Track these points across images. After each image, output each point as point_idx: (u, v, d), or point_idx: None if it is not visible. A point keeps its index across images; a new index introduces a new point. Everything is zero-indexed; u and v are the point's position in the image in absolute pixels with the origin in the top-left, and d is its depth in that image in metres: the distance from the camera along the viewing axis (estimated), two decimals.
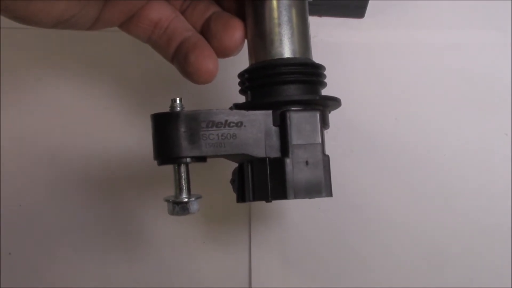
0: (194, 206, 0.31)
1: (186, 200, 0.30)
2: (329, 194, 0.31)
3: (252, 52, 0.33)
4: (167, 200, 0.31)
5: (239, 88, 0.34)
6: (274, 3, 0.32)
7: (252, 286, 0.44)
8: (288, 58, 0.32)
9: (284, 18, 0.32)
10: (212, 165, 0.34)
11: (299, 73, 0.32)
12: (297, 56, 0.32)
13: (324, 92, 0.34)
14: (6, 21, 0.46)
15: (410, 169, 0.46)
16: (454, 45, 0.48)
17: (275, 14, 0.32)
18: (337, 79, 0.46)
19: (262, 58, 0.32)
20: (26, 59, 0.47)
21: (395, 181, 0.46)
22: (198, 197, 0.31)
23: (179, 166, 0.31)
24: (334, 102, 0.33)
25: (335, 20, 0.48)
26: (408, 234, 0.45)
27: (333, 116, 0.38)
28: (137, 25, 0.33)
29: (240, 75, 0.33)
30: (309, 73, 0.32)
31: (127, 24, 0.33)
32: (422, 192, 0.45)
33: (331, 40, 0.48)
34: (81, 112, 0.46)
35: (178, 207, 0.30)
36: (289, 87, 0.32)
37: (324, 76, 0.34)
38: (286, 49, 0.32)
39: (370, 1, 0.46)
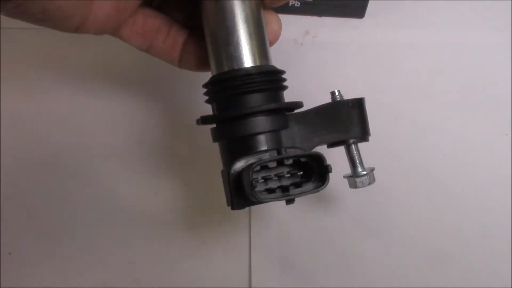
0: None
1: None
2: (229, 205, 0.31)
3: (211, 63, 0.33)
4: None
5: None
6: (226, 12, 0.31)
7: (252, 286, 0.44)
8: (226, 72, 0.31)
9: (233, 31, 0.31)
10: (214, 166, 0.34)
11: (233, 86, 0.31)
12: (236, 67, 0.31)
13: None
14: (6, 21, 0.46)
15: (410, 169, 0.46)
16: (454, 45, 0.48)
17: (224, 25, 0.31)
18: (337, 79, 0.47)
19: (214, 71, 0.32)
20: (26, 59, 0.47)
21: (395, 181, 0.46)
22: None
23: None
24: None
25: (335, 20, 0.48)
26: (408, 234, 0.45)
27: None
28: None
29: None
30: (261, 82, 0.31)
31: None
32: (422, 192, 0.45)
33: (331, 40, 0.48)
34: (81, 112, 0.46)
35: None
36: (244, 99, 0.31)
37: (265, 83, 0.32)
38: (228, 62, 0.31)
39: (370, 1, 0.46)
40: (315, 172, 0.31)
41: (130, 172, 0.45)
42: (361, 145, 0.36)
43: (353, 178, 0.35)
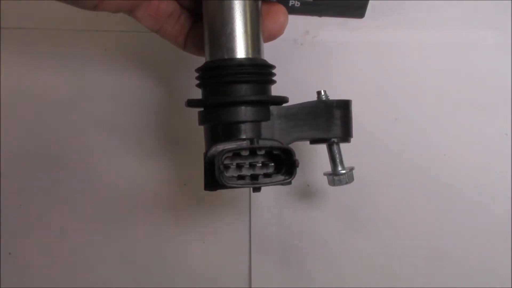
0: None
1: None
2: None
3: (205, 50, 0.34)
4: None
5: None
6: (224, 3, 0.32)
7: (252, 286, 0.44)
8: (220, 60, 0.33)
9: (228, 22, 0.32)
10: None
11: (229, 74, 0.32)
12: (236, 56, 0.32)
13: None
14: (6, 21, 0.46)
15: (410, 169, 0.46)
16: (454, 45, 0.48)
17: (221, 15, 0.33)
18: (337, 79, 0.47)
19: (208, 57, 0.33)
20: (26, 59, 0.47)
21: (395, 181, 0.46)
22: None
23: None
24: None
25: (335, 20, 0.48)
26: (408, 234, 0.45)
27: None
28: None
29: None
30: (249, 73, 0.33)
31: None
32: (422, 192, 0.45)
33: (331, 40, 0.48)
34: (81, 112, 0.46)
35: None
36: (235, 88, 0.32)
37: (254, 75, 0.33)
38: (226, 51, 0.32)
39: (370, 1, 0.46)
40: (284, 165, 0.32)
41: (131, 173, 0.45)
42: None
43: (332, 176, 0.37)
